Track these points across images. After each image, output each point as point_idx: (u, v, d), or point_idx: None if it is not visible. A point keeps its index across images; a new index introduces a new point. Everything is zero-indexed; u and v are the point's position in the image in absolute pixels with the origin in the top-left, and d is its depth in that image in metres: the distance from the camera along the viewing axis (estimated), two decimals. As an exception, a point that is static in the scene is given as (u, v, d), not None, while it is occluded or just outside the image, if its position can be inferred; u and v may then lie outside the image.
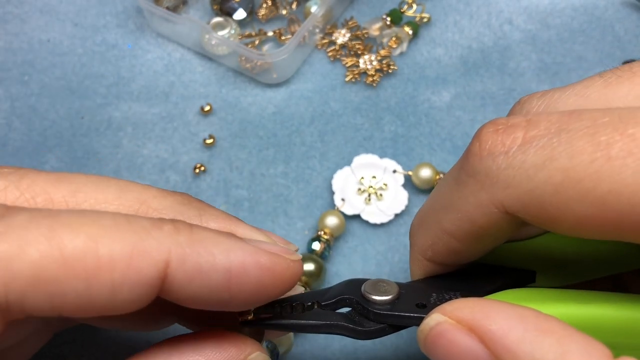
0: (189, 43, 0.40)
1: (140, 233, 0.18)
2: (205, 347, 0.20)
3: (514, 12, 0.41)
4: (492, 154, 0.19)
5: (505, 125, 0.19)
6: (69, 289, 0.17)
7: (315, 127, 0.38)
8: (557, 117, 0.19)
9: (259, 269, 0.19)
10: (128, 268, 0.17)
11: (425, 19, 0.41)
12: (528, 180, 0.18)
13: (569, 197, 0.17)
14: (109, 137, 0.37)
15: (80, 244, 0.17)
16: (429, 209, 0.23)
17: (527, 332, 0.17)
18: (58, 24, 0.41)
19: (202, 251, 0.18)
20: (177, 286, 0.18)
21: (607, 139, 0.17)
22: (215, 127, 0.38)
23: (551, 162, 0.18)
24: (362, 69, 0.39)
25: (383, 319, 0.22)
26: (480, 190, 0.20)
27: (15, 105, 0.38)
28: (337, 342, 0.31)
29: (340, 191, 0.35)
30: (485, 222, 0.20)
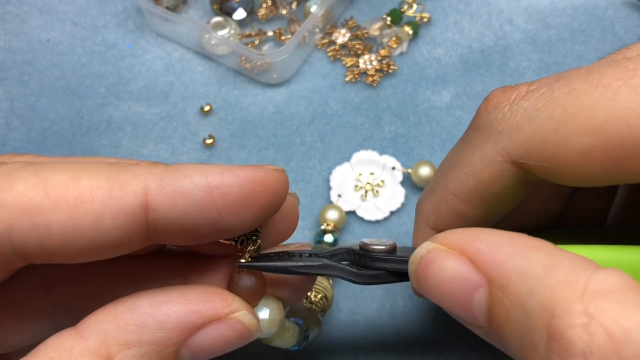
0: (189, 43, 0.40)
1: (117, 169, 0.19)
2: (191, 295, 0.21)
3: (514, 12, 0.41)
4: (497, 106, 0.20)
5: (509, 88, 0.21)
6: (53, 219, 0.18)
7: (315, 127, 0.37)
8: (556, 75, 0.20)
9: (239, 179, 0.19)
10: (108, 198, 0.18)
11: (425, 19, 0.41)
12: (530, 122, 0.19)
13: (569, 130, 0.18)
14: (108, 137, 0.37)
15: (62, 179, 0.19)
16: (437, 173, 0.24)
17: (516, 249, 0.17)
18: (58, 24, 0.41)
19: (179, 174, 0.19)
20: (162, 213, 0.19)
21: (599, 74, 0.18)
22: (215, 127, 0.38)
23: (551, 102, 0.19)
24: (362, 68, 0.39)
25: (381, 263, 0.22)
26: (486, 141, 0.20)
27: (15, 105, 0.38)
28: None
29: (338, 187, 0.35)
30: (489, 175, 0.21)
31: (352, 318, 0.31)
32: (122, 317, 0.20)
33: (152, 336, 0.20)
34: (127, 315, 0.20)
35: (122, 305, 0.20)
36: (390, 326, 0.31)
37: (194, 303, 0.21)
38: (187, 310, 0.20)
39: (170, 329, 0.20)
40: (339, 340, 0.30)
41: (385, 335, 0.30)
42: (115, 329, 0.20)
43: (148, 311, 0.20)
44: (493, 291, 0.17)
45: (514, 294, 0.17)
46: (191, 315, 0.20)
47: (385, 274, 0.22)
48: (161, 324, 0.20)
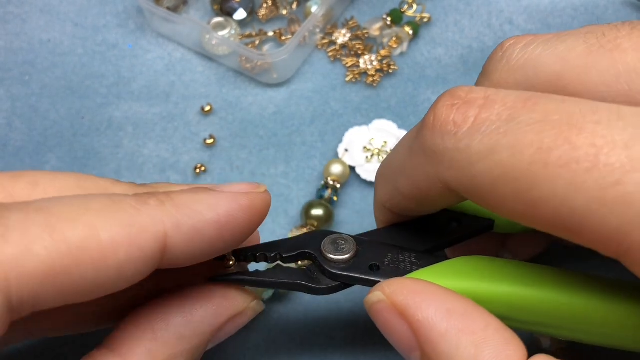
0: (190, 43, 0.40)
1: (130, 211, 0.18)
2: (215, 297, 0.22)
3: (514, 12, 0.41)
4: (442, 132, 0.19)
5: (462, 101, 0.19)
6: (79, 278, 0.17)
7: (316, 127, 0.38)
8: (512, 101, 0.18)
9: (242, 210, 0.20)
10: (130, 247, 0.18)
11: (425, 19, 0.41)
12: (470, 167, 0.18)
13: (504, 192, 0.18)
14: (109, 137, 0.37)
15: (81, 233, 0.17)
16: (388, 166, 0.24)
17: (449, 329, 0.18)
18: (59, 24, 0.41)
19: (191, 213, 0.19)
20: (178, 251, 0.19)
21: (549, 143, 0.17)
22: (215, 127, 0.38)
23: (493, 155, 0.18)
24: (362, 69, 0.39)
25: (337, 278, 0.23)
26: (428, 164, 0.20)
27: (16, 105, 0.39)
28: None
29: (348, 143, 0.36)
30: (432, 192, 0.21)
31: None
32: (162, 334, 0.21)
33: (189, 344, 0.21)
34: (165, 332, 0.21)
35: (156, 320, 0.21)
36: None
37: (219, 305, 0.22)
38: (214, 314, 0.22)
39: (203, 332, 0.22)
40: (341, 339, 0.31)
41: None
42: (159, 346, 0.21)
43: (182, 322, 0.21)
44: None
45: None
46: (219, 317, 0.22)
47: (341, 285, 0.23)
48: (196, 332, 0.21)
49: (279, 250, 0.24)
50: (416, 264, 0.23)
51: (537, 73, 0.21)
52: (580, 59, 0.20)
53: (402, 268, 0.23)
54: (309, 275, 0.24)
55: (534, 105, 0.18)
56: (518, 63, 0.22)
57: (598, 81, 0.20)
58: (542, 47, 0.21)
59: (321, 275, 0.23)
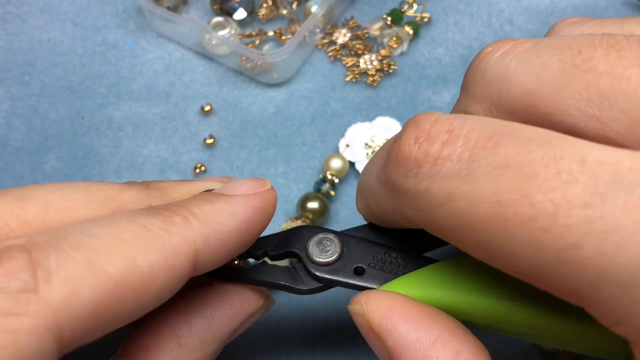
0: (190, 43, 0.40)
1: (162, 235, 0.19)
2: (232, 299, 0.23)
3: (514, 12, 0.41)
4: (404, 170, 0.19)
5: (426, 135, 0.19)
6: (123, 310, 0.18)
7: (316, 127, 0.37)
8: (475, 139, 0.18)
9: (257, 212, 0.21)
10: (167, 270, 0.18)
11: (425, 19, 0.41)
12: (430, 211, 0.18)
13: (466, 240, 0.18)
14: (109, 137, 0.37)
15: (122, 266, 0.17)
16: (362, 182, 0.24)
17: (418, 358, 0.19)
18: (58, 24, 0.41)
19: (216, 226, 0.20)
20: (206, 263, 0.20)
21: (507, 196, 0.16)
22: (215, 127, 0.38)
23: (452, 202, 0.17)
24: (362, 68, 0.39)
25: (321, 280, 0.24)
26: (393, 198, 0.20)
27: (15, 105, 0.38)
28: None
29: (350, 138, 0.36)
30: (400, 221, 0.21)
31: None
32: (186, 341, 0.21)
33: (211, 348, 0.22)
34: (189, 339, 0.21)
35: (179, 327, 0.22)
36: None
37: (236, 306, 0.23)
38: (233, 315, 0.23)
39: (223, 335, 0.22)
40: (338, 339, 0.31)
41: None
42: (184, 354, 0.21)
43: (204, 326, 0.22)
44: None
45: None
46: (237, 318, 0.23)
47: (324, 286, 0.24)
48: (217, 335, 0.22)
49: (266, 248, 0.24)
50: (402, 266, 0.23)
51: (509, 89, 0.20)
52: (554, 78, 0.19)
53: (386, 271, 0.23)
54: (293, 274, 0.24)
55: (496, 145, 0.17)
56: (492, 76, 0.21)
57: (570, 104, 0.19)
58: (517, 60, 0.20)
59: (305, 275, 0.24)
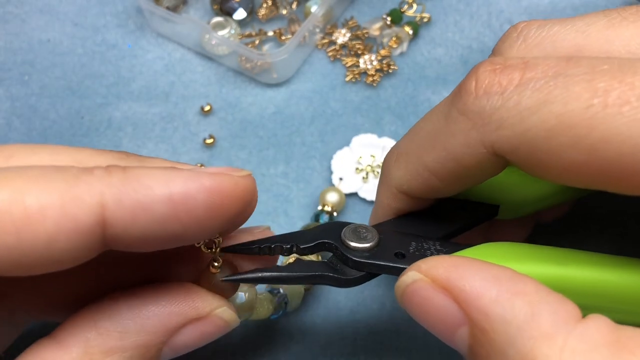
0: (189, 43, 0.40)
1: (69, 180, 0.17)
2: (171, 296, 0.20)
3: (514, 12, 0.41)
4: (487, 93, 0.19)
5: (503, 65, 0.19)
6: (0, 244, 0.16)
7: (316, 127, 0.37)
8: (555, 62, 0.18)
9: (205, 191, 0.18)
10: (61, 216, 0.17)
11: (425, 19, 0.41)
12: (521, 122, 0.18)
13: (561, 142, 0.17)
14: (109, 137, 0.37)
15: (5, 196, 0.16)
16: (411, 143, 0.23)
17: (500, 293, 0.17)
18: (58, 24, 0.41)
19: (138, 186, 0.17)
20: (121, 228, 0.17)
21: (604, 86, 0.17)
22: (215, 127, 0.38)
23: (546, 106, 0.18)
24: (362, 68, 0.39)
25: (363, 267, 0.22)
26: (471, 129, 0.19)
27: (15, 105, 0.38)
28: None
29: (339, 170, 0.36)
30: (472, 162, 0.20)
31: (352, 318, 0.31)
32: (103, 324, 0.19)
33: (134, 340, 0.19)
34: (108, 322, 0.19)
35: (101, 311, 0.20)
36: (391, 325, 0.31)
37: (175, 304, 0.20)
38: (169, 312, 0.20)
39: (152, 331, 0.20)
40: (338, 340, 0.30)
41: (385, 335, 0.30)
42: (97, 337, 0.19)
43: (128, 315, 0.19)
44: (475, 332, 0.17)
45: (496, 341, 0.17)
46: (172, 316, 0.20)
47: (368, 275, 0.22)
48: (143, 328, 0.19)
49: (295, 241, 0.22)
50: (442, 251, 0.22)
51: (556, 48, 0.21)
52: (602, 31, 0.20)
53: (427, 255, 0.22)
54: (332, 266, 0.22)
55: (577, 61, 0.18)
56: (535, 41, 0.21)
57: (622, 50, 0.19)
58: (559, 26, 0.21)
59: (344, 266, 0.22)
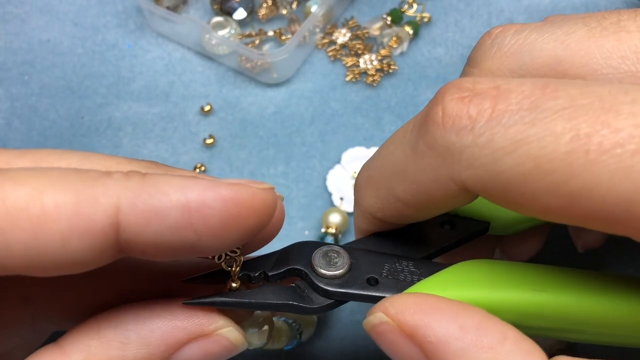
0: (189, 43, 0.40)
1: (87, 182, 0.17)
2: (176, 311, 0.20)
3: (514, 12, 0.41)
4: (455, 127, 0.17)
5: (472, 93, 0.18)
6: (14, 240, 0.16)
7: (316, 127, 0.37)
8: (530, 90, 0.17)
9: (221, 200, 0.18)
10: (75, 216, 0.16)
11: (425, 19, 0.41)
12: (494, 163, 0.17)
13: (538, 187, 0.16)
14: (109, 137, 0.37)
15: (23, 194, 0.16)
16: (380, 170, 0.22)
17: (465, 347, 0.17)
18: (58, 24, 0.41)
19: (154, 191, 0.17)
20: (135, 233, 0.17)
21: (586, 128, 0.16)
22: (215, 127, 0.38)
23: (521, 147, 0.16)
24: (362, 68, 0.39)
25: (332, 295, 0.21)
26: (441, 165, 0.18)
27: (15, 105, 0.38)
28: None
29: (337, 190, 0.35)
30: (443, 196, 0.19)
31: (353, 318, 0.31)
32: (106, 333, 0.19)
33: (136, 352, 0.19)
34: (111, 332, 0.19)
35: (106, 320, 0.19)
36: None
37: (179, 319, 0.20)
38: (172, 327, 0.20)
39: (154, 345, 0.19)
40: (339, 341, 0.30)
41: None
42: (98, 345, 0.19)
43: (132, 327, 0.19)
44: None
45: None
46: (176, 331, 0.20)
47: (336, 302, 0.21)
48: (145, 340, 0.19)
49: (263, 267, 0.21)
50: (416, 272, 0.21)
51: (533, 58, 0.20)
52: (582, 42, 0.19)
53: (401, 279, 0.21)
54: (299, 293, 0.21)
55: (555, 91, 0.17)
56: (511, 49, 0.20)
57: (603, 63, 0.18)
58: (537, 33, 0.20)
59: (312, 293, 0.21)
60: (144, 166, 0.20)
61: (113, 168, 0.19)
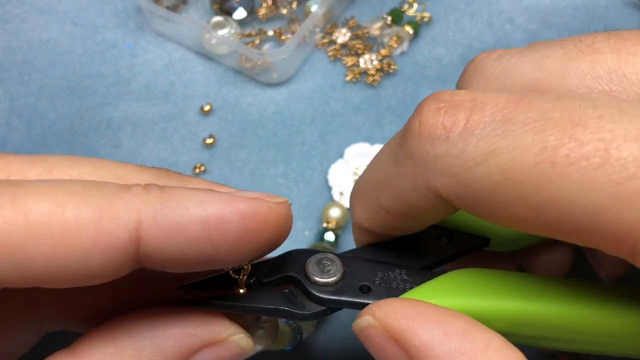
0: (189, 42, 0.40)
1: (108, 196, 0.17)
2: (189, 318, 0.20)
3: (515, 12, 0.41)
4: (430, 137, 0.18)
5: (449, 104, 0.18)
6: (36, 255, 0.16)
7: (316, 127, 0.37)
8: (504, 102, 0.18)
9: (239, 215, 0.18)
10: (96, 231, 0.17)
11: (426, 18, 0.40)
12: (465, 173, 0.17)
13: (507, 198, 0.17)
14: (108, 136, 0.37)
15: (45, 208, 0.17)
16: (367, 182, 0.22)
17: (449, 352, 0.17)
18: (58, 24, 0.41)
19: (174, 206, 0.18)
20: (155, 247, 0.18)
21: (553, 141, 0.16)
22: (215, 126, 0.38)
23: (491, 158, 0.17)
24: (362, 68, 0.39)
25: (325, 303, 0.21)
26: (417, 174, 0.19)
27: (14, 105, 0.38)
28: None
29: (338, 185, 0.35)
30: (422, 205, 0.20)
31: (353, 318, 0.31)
32: (120, 340, 0.19)
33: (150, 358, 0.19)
34: (125, 339, 0.19)
35: (120, 328, 0.20)
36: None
37: (192, 326, 0.20)
38: (186, 334, 0.20)
39: (168, 352, 0.20)
40: (339, 341, 0.30)
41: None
42: (113, 352, 0.19)
43: (146, 334, 0.20)
44: None
45: None
46: (190, 338, 0.20)
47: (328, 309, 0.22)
48: (159, 347, 0.20)
49: (258, 274, 0.22)
50: (408, 281, 0.21)
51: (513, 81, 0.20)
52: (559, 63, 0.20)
53: (394, 287, 0.21)
54: (292, 299, 0.21)
55: (528, 104, 0.17)
56: (493, 73, 0.21)
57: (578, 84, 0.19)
58: (517, 57, 0.21)
59: (305, 299, 0.21)
60: (156, 174, 0.21)
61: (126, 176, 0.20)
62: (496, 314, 0.20)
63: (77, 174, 0.20)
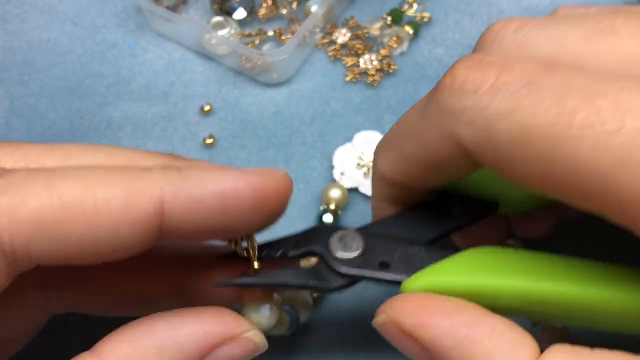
0: (189, 42, 0.40)
1: (132, 177, 0.19)
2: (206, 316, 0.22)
3: (514, 12, 0.41)
4: (461, 91, 0.20)
5: (480, 63, 0.20)
6: (71, 232, 0.18)
7: (316, 127, 0.37)
8: (532, 68, 0.19)
9: (251, 188, 0.20)
10: (125, 207, 0.19)
11: (425, 19, 0.41)
12: (488, 126, 0.19)
13: (523, 152, 0.18)
14: (108, 137, 0.37)
15: (77, 191, 0.18)
16: (394, 133, 0.24)
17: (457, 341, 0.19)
18: (58, 24, 0.41)
19: (194, 183, 0.20)
20: (177, 220, 0.20)
21: (572, 105, 0.17)
22: (215, 127, 0.38)
23: (514, 114, 0.18)
24: (362, 68, 0.39)
25: (347, 277, 0.23)
26: (443, 123, 0.20)
27: (14, 105, 0.38)
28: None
29: (340, 165, 0.36)
30: (444, 154, 0.21)
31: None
32: (142, 341, 0.20)
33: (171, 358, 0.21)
34: (147, 339, 0.21)
35: (140, 328, 0.21)
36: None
37: (210, 324, 0.22)
38: (204, 332, 0.21)
39: (188, 350, 0.21)
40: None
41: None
42: (136, 353, 0.20)
43: (167, 334, 0.21)
44: None
45: None
46: (208, 336, 0.21)
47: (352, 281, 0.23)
48: (180, 346, 0.21)
49: (284, 248, 0.24)
50: (426, 257, 0.23)
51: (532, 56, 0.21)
52: (578, 44, 0.20)
53: (411, 263, 0.23)
54: (318, 273, 0.23)
55: (554, 71, 0.18)
56: (511, 45, 0.22)
57: (597, 66, 0.20)
58: (537, 31, 0.21)
59: (330, 274, 0.23)
60: (167, 159, 0.23)
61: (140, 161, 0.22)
62: (511, 292, 0.20)
63: (92, 159, 0.22)
